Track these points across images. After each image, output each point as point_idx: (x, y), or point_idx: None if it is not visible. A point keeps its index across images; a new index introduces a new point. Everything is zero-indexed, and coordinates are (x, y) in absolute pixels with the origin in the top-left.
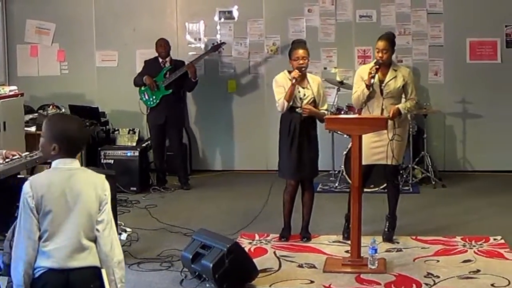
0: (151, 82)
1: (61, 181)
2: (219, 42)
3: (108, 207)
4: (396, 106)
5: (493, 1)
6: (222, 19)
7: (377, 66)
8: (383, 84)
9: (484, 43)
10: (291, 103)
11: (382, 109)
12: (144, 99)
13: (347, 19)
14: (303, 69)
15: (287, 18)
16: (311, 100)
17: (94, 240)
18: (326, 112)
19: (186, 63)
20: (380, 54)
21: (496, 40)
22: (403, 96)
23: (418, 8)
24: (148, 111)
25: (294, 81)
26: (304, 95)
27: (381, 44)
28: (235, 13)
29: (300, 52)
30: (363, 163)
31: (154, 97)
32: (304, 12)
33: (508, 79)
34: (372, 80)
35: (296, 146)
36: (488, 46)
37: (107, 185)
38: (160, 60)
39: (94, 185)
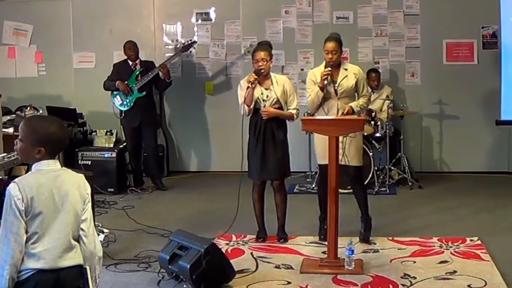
0: (124, 87)
1: (48, 182)
2: (189, 41)
3: (90, 205)
4: (349, 104)
5: (470, 2)
6: (199, 21)
7: (330, 69)
8: (336, 85)
9: (460, 44)
10: (252, 107)
11: (338, 109)
12: (117, 103)
13: (324, 21)
14: (262, 71)
15: (264, 19)
16: (274, 101)
17: (77, 239)
18: (294, 111)
19: (155, 63)
20: (330, 56)
21: (473, 41)
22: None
23: (395, 10)
24: (123, 114)
25: (250, 85)
26: (267, 96)
27: (330, 45)
28: (212, 15)
29: (261, 54)
30: (322, 162)
31: (127, 100)
32: (281, 14)
33: (484, 81)
34: (325, 82)
35: (261, 147)
36: (464, 47)
37: (87, 184)
38: (130, 62)
39: (78, 185)
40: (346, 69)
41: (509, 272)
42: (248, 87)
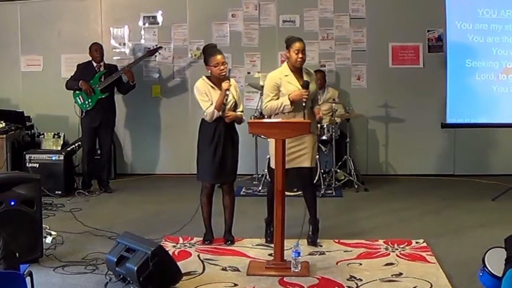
0: (87, 87)
1: None
2: (155, 46)
3: None
4: (317, 107)
5: (415, 6)
6: (147, 24)
7: (307, 89)
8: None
9: (406, 47)
10: (220, 112)
11: (304, 113)
12: (79, 102)
13: (271, 24)
14: (224, 74)
15: (211, 22)
16: (233, 104)
17: None
18: (242, 113)
19: (118, 67)
20: (300, 55)
21: (418, 45)
22: None
23: (341, 13)
24: (83, 114)
25: (227, 92)
26: (226, 100)
27: (300, 45)
28: (159, 18)
29: (218, 58)
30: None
31: (89, 100)
32: (228, 17)
33: (430, 84)
34: (304, 103)
35: (220, 151)
36: (410, 51)
37: None
38: (95, 64)
39: None
40: (307, 73)
41: (455, 274)
42: (225, 94)
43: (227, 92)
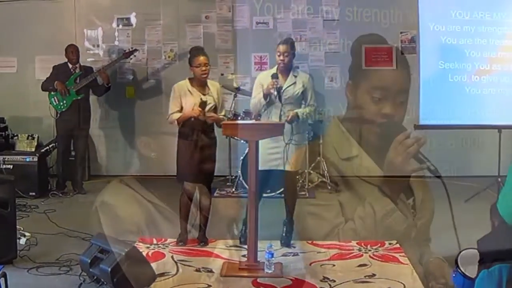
0: (62, 87)
1: None
2: (131, 49)
3: None
4: (295, 110)
5: (389, 8)
6: (120, 26)
7: (276, 79)
8: (282, 90)
9: (379, 49)
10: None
11: (281, 115)
12: (54, 103)
13: (244, 26)
14: (205, 75)
15: (185, 24)
16: (213, 106)
17: None
18: (224, 117)
19: (94, 69)
20: (281, 57)
21: (392, 46)
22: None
23: (314, 15)
24: (58, 115)
25: (195, 115)
26: (206, 101)
27: (282, 47)
28: (133, 20)
29: (201, 58)
30: (260, 168)
31: (64, 101)
32: (202, 19)
33: (403, 85)
34: (275, 92)
35: (199, 152)
36: (383, 52)
37: None
38: (70, 66)
39: None
40: (295, 76)
41: (427, 275)
42: (193, 116)
43: (196, 116)
